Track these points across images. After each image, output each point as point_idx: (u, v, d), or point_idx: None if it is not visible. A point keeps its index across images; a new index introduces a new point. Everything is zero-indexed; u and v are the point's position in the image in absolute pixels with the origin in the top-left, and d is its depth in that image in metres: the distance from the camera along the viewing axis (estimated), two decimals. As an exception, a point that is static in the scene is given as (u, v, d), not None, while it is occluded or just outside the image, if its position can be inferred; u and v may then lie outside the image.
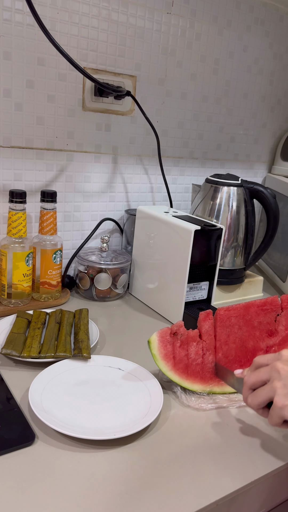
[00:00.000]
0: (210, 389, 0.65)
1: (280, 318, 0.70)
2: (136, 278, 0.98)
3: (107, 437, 0.52)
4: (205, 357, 0.66)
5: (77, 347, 0.70)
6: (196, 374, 0.65)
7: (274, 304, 0.70)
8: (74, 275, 1.00)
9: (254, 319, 0.69)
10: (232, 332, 0.68)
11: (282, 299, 0.70)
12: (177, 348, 0.64)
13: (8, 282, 0.83)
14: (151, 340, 0.64)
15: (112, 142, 1.01)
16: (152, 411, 0.57)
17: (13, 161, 0.89)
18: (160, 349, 0.64)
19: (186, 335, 0.65)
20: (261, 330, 0.69)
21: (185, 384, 0.64)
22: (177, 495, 0.47)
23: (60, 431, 0.52)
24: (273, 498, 0.56)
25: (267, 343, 0.69)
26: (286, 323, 0.69)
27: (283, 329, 0.69)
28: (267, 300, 0.70)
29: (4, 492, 0.45)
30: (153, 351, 0.63)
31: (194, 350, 0.65)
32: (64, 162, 0.96)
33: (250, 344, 0.69)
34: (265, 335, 0.69)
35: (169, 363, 0.64)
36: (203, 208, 0.99)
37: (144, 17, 0.96)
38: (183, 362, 0.64)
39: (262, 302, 0.70)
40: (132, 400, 0.61)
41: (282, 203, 1.09)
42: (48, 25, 0.85)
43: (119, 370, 0.67)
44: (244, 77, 1.18)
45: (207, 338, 0.67)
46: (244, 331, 0.69)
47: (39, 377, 0.62)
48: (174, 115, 1.09)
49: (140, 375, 0.66)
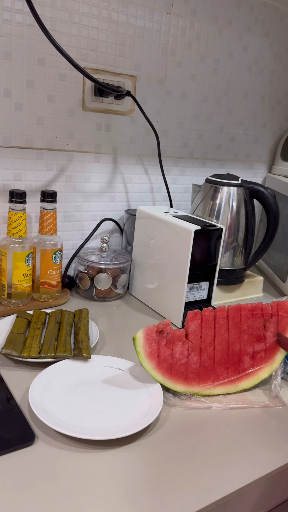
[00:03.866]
0: (192, 390, 0.64)
1: (269, 325, 0.69)
2: (136, 278, 0.98)
3: (107, 437, 0.52)
4: (190, 358, 0.65)
5: (77, 347, 0.70)
6: (179, 375, 0.64)
7: (264, 310, 0.69)
8: (74, 275, 1.00)
9: (243, 323, 0.68)
10: (219, 333, 0.67)
11: (272, 305, 0.70)
12: (162, 346, 0.64)
13: (8, 282, 0.83)
14: (136, 337, 0.63)
15: (112, 142, 1.01)
16: (152, 411, 0.57)
17: (13, 161, 0.89)
18: (145, 347, 0.63)
19: (172, 334, 0.64)
20: (250, 334, 0.68)
21: (168, 384, 0.63)
22: (177, 495, 0.47)
23: (60, 431, 0.52)
24: (273, 498, 0.56)
25: (255, 348, 0.68)
26: (275, 330, 0.69)
27: (271, 336, 0.69)
28: (258, 305, 0.69)
29: (4, 492, 0.45)
30: (138, 348, 0.63)
31: (179, 350, 0.64)
32: (64, 162, 0.96)
33: (237, 347, 0.67)
34: (253, 339, 0.68)
35: (153, 362, 0.63)
36: (203, 208, 0.99)
37: (144, 17, 0.96)
38: (167, 361, 0.64)
39: (253, 306, 0.69)
40: (132, 400, 0.61)
41: (282, 203, 1.09)
42: (48, 25, 0.85)
43: (119, 370, 0.67)
44: (244, 77, 1.18)
45: (193, 338, 0.66)
46: (232, 333, 0.68)
47: (39, 377, 0.62)
48: (174, 115, 1.09)
49: (140, 375, 0.66)
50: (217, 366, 0.66)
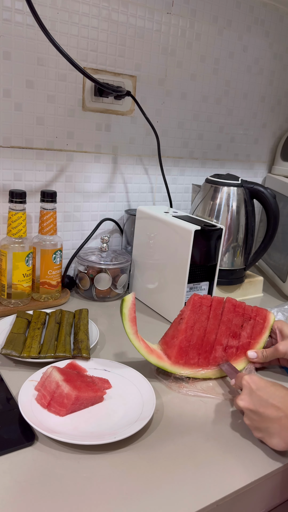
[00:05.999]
0: (163, 365, 0.67)
1: (246, 326, 0.71)
2: (136, 278, 0.98)
3: (107, 441, 0.52)
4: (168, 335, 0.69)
5: (76, 347, 0.70)
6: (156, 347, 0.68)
7: (246, 310, 0.72)
8: (74, 275, 1.00)
9: (224, 315, 0.71)
10: (200, 320, 0.69)
11: (253, 309, 0.72)
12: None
13: (8, 282, 0.83)
14: (125, 298, 0.66)
15: (112, 142, 1.01)
16: (145, 410, 0.57)
17: (13, 161, 0.89)
18: (131, 311, 0.66)
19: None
20: (227, 327, 0.71)
21: (142, 351, 0.66)
22: (177, 496, 0.47)
23: (56, 438, 0.52)
24: (273, 498, 0.56)
25: (229, 343, 0.70)
26: (250, 332, 0.71)
27: (245, 336, 0.71)
28: (241, 304, 0.72)
29: (4, 492, 0.45)
30: (124, 310, 0.66)
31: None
32: (64, 162, 0.96)
33: (212, 337, 0.70)
34: (230, 333, 0.71)
35: (134, 327, 0.66)
36: (203, 208, 0.99)
37: (144, 17, 0.96)
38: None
39: (237, 304, 0.72)
40: (126, 403, 0.60)
41: (282, 203, 1.09)
42: (48, 25, 0.85)
43: (108, 372, 0.66)
44: (244, 77, 1.18)
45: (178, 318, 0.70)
46: (211, 323, 0.70)
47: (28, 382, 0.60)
48: (174, 115, 1.09)
49: (132, 378, 0.65)
50: (190, 350, 0.68)
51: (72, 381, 0.58)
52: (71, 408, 0.56)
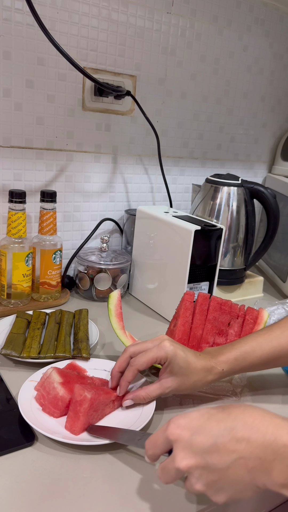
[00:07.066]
0: None
1: (234, 324, 0.71)
2: (136, 278, 0.98)
3: (107, 441, 0.51)
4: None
5: (76, 347, 0.70)
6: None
7: (232, 308, 0.72)
8: (74, 275, 1.00)
9: (210, 313, 0.71)
10: (184, 315, 0.70)
11: (241, 308, 0.72)
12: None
13: (7, 282, 0.83)
14: (111, 295, 0.67)
15: (112, 142, 1.01)
16: (145, 412, 0.57)
17: (12, 161, 0.89)
18: (117, 307, 0.67)
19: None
20: (213, 325, 0.71)
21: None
22: (177, 496, 0.47)
23: (56, 438, 0.51)
24: (273, 498, 0.56)
25: (215, 340, 0.71)
26: (238, 330, 0.71)
27: (233, 334, 0.71)
28: (228, 302, 0.72)
29: (4, 492, 0.45)
30: (110, 306, 0.66)
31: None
32: (64, 162, 0.96)
33: (199, 333, 0.70)
34: (216, 331, 0.71)
35: (121, 323, 0.67)
36: (203, 208, 0.99)
37: (144, 17, 0.96)
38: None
39: (223, 302, 0.72)
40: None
41: (282, 203, 1.09)
42: (48, 25, 0.85)
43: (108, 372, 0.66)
44: (244, 77, 1.18)
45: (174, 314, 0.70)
46: (197, 319, 0.70)
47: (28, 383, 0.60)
48: (174, 115, 1.09)
49: None
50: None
51: (71, 383, 0.57)
52: (65, 411, 0.56)
